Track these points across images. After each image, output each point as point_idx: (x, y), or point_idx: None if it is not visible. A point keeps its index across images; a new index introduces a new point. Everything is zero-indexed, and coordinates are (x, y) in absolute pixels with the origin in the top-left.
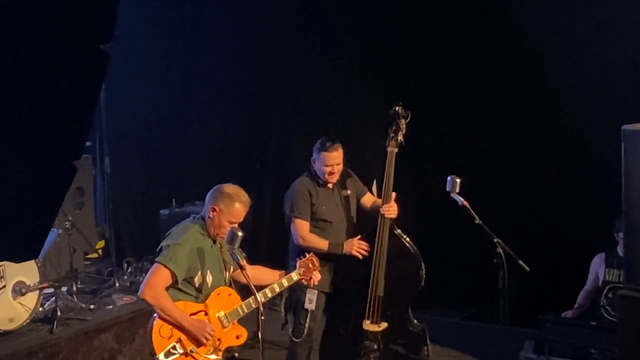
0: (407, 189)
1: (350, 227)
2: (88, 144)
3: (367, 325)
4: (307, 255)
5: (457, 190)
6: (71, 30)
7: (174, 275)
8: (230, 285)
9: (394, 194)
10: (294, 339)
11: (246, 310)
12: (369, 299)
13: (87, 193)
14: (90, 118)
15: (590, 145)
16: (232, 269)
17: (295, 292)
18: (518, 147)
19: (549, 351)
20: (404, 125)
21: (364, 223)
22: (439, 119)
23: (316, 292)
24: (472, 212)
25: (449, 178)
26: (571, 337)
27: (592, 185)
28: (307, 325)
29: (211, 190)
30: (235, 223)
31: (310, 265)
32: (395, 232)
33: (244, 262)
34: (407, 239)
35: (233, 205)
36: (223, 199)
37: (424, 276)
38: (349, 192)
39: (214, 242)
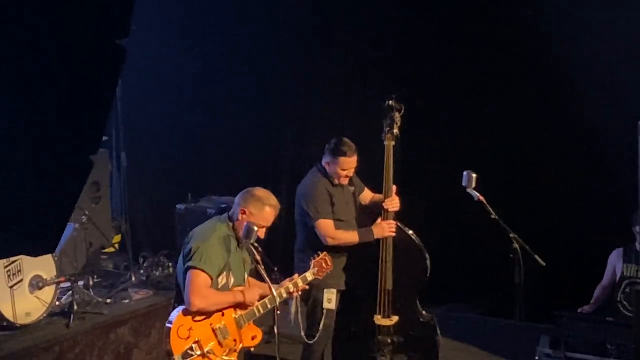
0: (422, 184)
1: (357, 223)
2: (104, 138)
3: (379, 319)
4: (320, 254)
5: (473, 185)
6: (88, 25)
7: (210, 277)
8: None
9: (394, 187)
10: (307, 341)
11: (262, 311)
12: (378, 294)
13: (103, 187)
14: (106, 113)
15: (607, 141)
16: (249, 271)
17: (312, 291)
18: (534, 143)
19: (565, 346)
20: (399, 118)
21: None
22: (457, 115)
23: (335, 290)
24: (488, 207)
25: (465, 173)
26: (587, 332)
27: (609, 180)
28: (321, 324)
29: (241, 193)
30: (264, 227)
31: (324, 265)
32: (398, 225)
33: (259, 257)
34: (410, 232)
35: (264, 209)
36: (254, 202)
37: (429, 267)
38: (353, 188)
39: (238, 243)
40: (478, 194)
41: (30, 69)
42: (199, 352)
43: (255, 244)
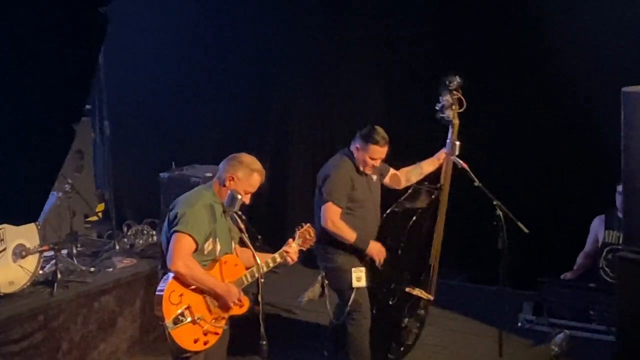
0: (406, 152)
1: (377, 212)
2: (87, 107)
3: (423, 294)
4: (304, 226)
5: (457, 153)
6: None
7: (196, 242)
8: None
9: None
10: (335, 321)
11: (250, 280)
12: (432, 269)
13: (86, 156)
14: (89, 81)
15: (591, 108)
16: (237, 239)
17: (338, 273)
18: (518, 110)
19: (548, 312)
20: (461, 98)
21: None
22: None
23: (363, 268)
24: (472, 174)
25: (448, 141)
26: (570, 298)
27: (593, 147)
28: (350, 303)
29: (226, 160)
30: (251, 193)
31: (308, 236)
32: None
33: (242, 226)
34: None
35: (252, 175)
36: (242, 169)
37: None
38: (375, 177)
39: (224, 211)
40: (462, 162)
41: (12, 38)
42: (189, 319)
43: (239, 213)
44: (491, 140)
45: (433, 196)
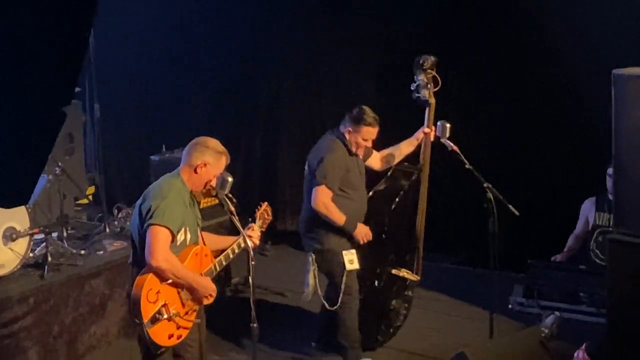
0: (396, 133)
1: (365, 193)
2: (77, 89)
3: (411, 275)
4: (263, 205)
5: (447, 135)
6: None
7: (172, 234)
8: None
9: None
10: (330, 307)
11: (218, 269)
12: (417, 251)
13: (77, 139)
14: (79, 63)
15: (582, 90)
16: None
17: (326, 257)
18: (509, 92)
19: (539, 295)
20: (436, 74)
21: None
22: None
23: (354, 251)
24: (462, 157)
25: (438, 123)
26: (560, 281)
27: (584, 129)
28: (343, 286)
29: (193, 146)
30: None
31: (266, 216)
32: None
33: (233, 209)
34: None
35: (221, 159)
36: (211, 154)
37: None
38: (361, 157)
39: (191, 198)
40: (452, 144)
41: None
42: (165, 316)
43: (230, 195)
44: (482, 124)
45: (414, 177)
